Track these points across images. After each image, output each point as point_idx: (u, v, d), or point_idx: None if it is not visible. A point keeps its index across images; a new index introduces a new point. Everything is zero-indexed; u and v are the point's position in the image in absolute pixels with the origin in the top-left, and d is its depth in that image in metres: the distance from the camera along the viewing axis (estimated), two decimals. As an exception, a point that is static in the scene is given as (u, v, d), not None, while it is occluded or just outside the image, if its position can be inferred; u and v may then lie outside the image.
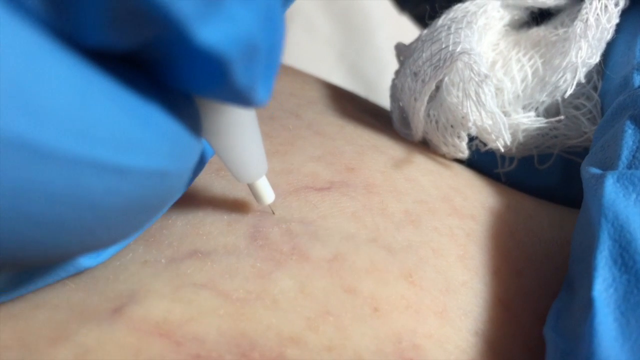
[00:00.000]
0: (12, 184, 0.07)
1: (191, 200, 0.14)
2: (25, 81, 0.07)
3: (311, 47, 0.41)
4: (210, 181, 0.15)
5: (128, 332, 0.11)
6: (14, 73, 0.07)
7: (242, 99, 0.09)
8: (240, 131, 0.11)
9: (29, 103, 0.07)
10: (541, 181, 0.17)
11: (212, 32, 0.07)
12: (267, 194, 0.13)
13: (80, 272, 0.12)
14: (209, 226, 0.13)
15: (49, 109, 0.07)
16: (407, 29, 0.26)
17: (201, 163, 0.13)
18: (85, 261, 0.12)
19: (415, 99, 0.16)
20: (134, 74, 0.08)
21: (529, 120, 0.16)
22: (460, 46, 0.15)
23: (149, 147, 0.08)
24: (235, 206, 0.14)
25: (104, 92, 0.08)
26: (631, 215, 0.11)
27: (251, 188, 0.13)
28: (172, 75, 0.08)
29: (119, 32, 0.07)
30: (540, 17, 0.18)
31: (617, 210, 0.11)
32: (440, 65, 0.15)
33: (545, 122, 0.16)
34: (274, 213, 0.14)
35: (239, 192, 0.14)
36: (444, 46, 0.15)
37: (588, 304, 0.11)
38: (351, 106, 0.19)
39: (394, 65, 0.19)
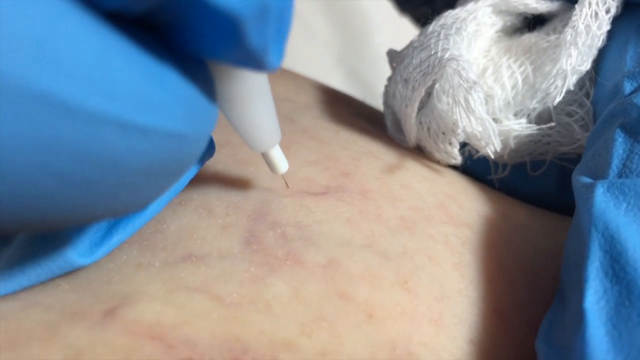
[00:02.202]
0: (39, 140, 0.07)
1: (185, 204, 0.14)
2: (49, 39, 0.07)
3: (310, 50, 0.42)
4: (204, 185, 0.15)
5: (120, 334, 0.11)
6: (39, 31, 0.07)
7: (255, 61, 0.09)
8: (253, 98, 0.12)
9: (53, 60, 0.07)
10: (536, 188, 0.18)
11: None
12: (281, 163, 0.14)
13: (74, 273, 0.13)
14: (203, 230, 0.14)
15: (72, 66, 0.07)
16: (406, 32, 0.26)
17: (211, 148, 0.13)
18: (78, 259, 0.12)
19: (406, 105, 0.16)
20: (149, 37, 0.09)
21: (520, 127, 0.16)
22: (448, 52, 0.15)
23: (168, 109, 0.09)
24: (229, 210, 0.14)
25: (122, 52, 0.08)
26: (622, 225, 0.11)
27: (265, 157, 0.14)
28: (186, 38, 0.09)
29: None
30: (534, 23, 0.18)
31: (607, 220, 0.11)
32: (429, 71, 0.16)
33: (537, 129, 0.16)
34: (287, 186, 0.15)
35: (233, 196, 0.15)
36: (432, 52, 0.16)
37: (579, 316, 0.11)
38: (346, 111, 0.20)
39: (392, 67, 0.20)
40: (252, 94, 0.12)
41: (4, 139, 0.07)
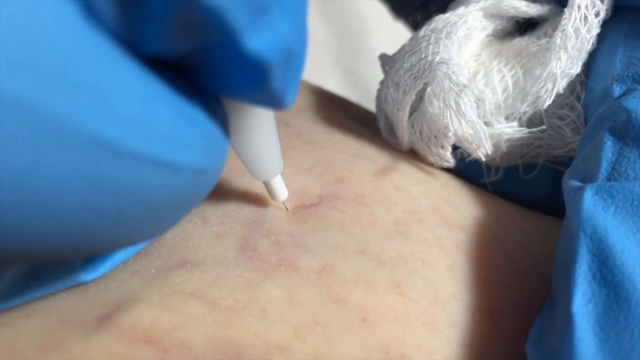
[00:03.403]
0: (87, 179, 0.08)
1: None
2: (103, 85, 0.08)
3: (306, 51, 0.42)
4: None
5: (115, 340, 0.12)
6: (94, 77, 0.08)
7: (275, 101, 0.10)
8: (260, 132, 0.13)
9: (107, 105, 0.08)
10: (529, 192, 0.18)
11: (259, 41, 0.09)
12: (282, 191, 0.15)
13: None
14: (198, 238, 0.14)
15: (119, 109, 0.08)
16: (402, 34, 0.27)
17: None
18: (83, 276, 0.13)
19: (398, 109, 0.17)
20: (178, 78, 0.10)
21: (512, 130, 0.16)
22: (438, 56, 0.16)
23: (195, 145, 0.09)
24: (224, 219, 0.15)
25: (160, 94, 0.09)
26: (609, 228, 0.12)
27: (266, 186, 0.15)
28: (212, 79, 0.10)
29: (176, 41, 0.08)
30: (525, 27, 0.19)
31: (595, 223, 0.12)
32: (420, 75, 0.16)
33: (528, 132, 0.16)
34: (287, 209, 0.15)
35: (228, 206, 0.15)
36: (423, 56, 0.16)
37: (568, 319, 0.11)
38: (340, 114, 0.20)
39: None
40: (259, 127, 0.12)
41: (57, 178, 0.08)
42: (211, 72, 0.09)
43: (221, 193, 0.15)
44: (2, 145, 0.07)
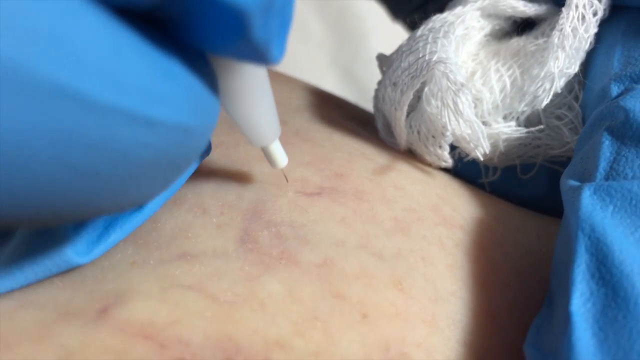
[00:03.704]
0: (55, 132, 0.08)
1: (180, 203, 0.15)
2: (65, 33, 0.08)
3: (304, 51, 0.42)
4: (199, 185, 0.15)
5: (112, 334, 0.11)
6: (57, 26, 0.07)
7: (258, 54, 0.10)
8: (254, 93, 0.12)
9: (69, 54, 0.08)
10: (527, 192, 0.18)
11: None
12: (281, 157, 0.14)
13: (68, 271, 0.13)
14: (198, 229, 0.14)
15: (86, 59, 0.08)
16: (400, 34, 0.27)
17: (208, 146, 0.14)
18: (76, 258, 0.12)
19: (396, 109, 0.17)
20: (155, 31, 0.09)
21: (510, 130, 0.16)
22: (436, 55, 0.16)
23: (174, 101, 0.09)
24: (224, 209, 0.14)
25: (131, 45, 0.09)
26: (608, 227, 0.12)
27: (265, 152, 0.14)
28: (191, 32, 0.09)
29: None
30: (522, 27, 0.19)
31: (593, 223, 0.12)
32: (417, 74, 0.16)
33: (526, 132, 0.17)
34: (287, 180, 0.15)
35: (228, 195, 0.15)
36: (420, 56, 0.16)
37: (566, 319, 0.11)
38: (338, 114, 0.20)
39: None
40: (252, 88, 0.12)
41: (22, 132, 0.08)
42: (188, 23, 0.09)
43: (221, 183, 0.15)
44: None
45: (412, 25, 0.25)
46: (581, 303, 0.11)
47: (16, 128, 0.07)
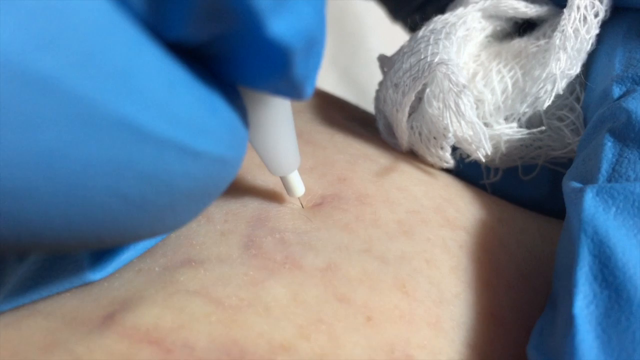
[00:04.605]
0: (111, 162, 0.08)
1: None
2: (131, 68, 0.08)
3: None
4: None
5: (118, 340, 0.12)
6: (123, 61, 0.08)
7: (295, 90, 0.10)
8: (278, 125, 0.13)
9: (132, 88, 0.08)
10: (529, 193, 0.18)
11: (281, 25, 0.09)
12: (298, 186, 0.15)
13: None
14: (202, 237, 0.14)
15: (145, 93, 0.08)
16: (399, 35, 0.27)
17: None
18: (91, 275, 0.13)
19: (397, 110, 0.17)
20: (199, 66, 0.10)
21: (511, 131, 0.17)
22: (438, 57, 0.16)
23: (216, 134, 0.10)
24: (228, 217, 0.15)
25: (183, 79, 0.09)
26: (610, 229, 0.12)
27: (283, 181, 0.15)
28: (232, 67, 0.10)
29: (198, 26, 0.08)
30: (524, 28, 0.19)
31: (596, 225, 0.12)
32: (419, 76, 0.16)
33: (528, 133, 0.17)
34: (302, 206, 0.15)
35: (232, 204, 0.15)
36: (422, 57, 0.16)
37: (569, 321, 0.11)
38: (339, 115, 0.20)
39: (386, 70, 0.20)
40: (278, 120, 0.12)
41: (83, 163, 0.08)
42: (233, 59, 0.09)
43: (225, 191, 0.15)
44: (30, 125, 0.07)
45: (412, 26, 0.25)
46: (584, 305, 0.11)
47: (79, 159, 0.08)
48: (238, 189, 0.15)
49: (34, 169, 0.07)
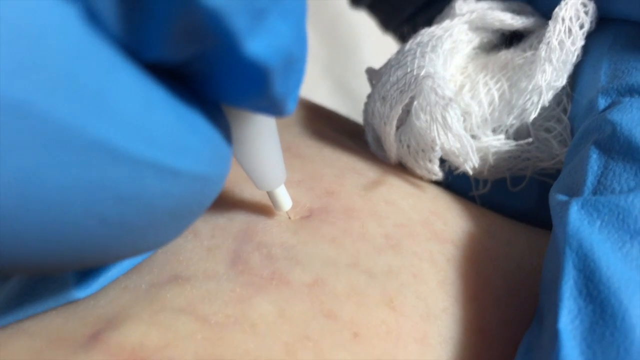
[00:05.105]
0: (88, 184, 0.08)
1: None
2: (105, 89, 0.08)
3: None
4: None
5: (103, 358, 0.12)
6: (97, 82, 0.08)
7: (276, 107, 0.10)
8: (263, 141, 0.13)
9: (108, 109, 0.08)
10: (518, 204, 0.18)
11: (259, 44, 0.09)
12: (286, 201, 0.15)
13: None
14: (189, 252, 0.14)
15: (121, 114, 0.08)
16: (393, 45, 0.27)
17: None
18: (76, 293, 0.13)
19: (385, 124, 0.17)
20: (178, 85, 0.10)
21: (499, 143, 0.17)
22: (424, 70, 0.16)
23: (197, 152, 0.10)
24: (215, 232, 0.15)
25: (161, 99, 0.09)
26: (595, 243, 0.12)
27: (270, 195, 0.15)
28: (212, 86, 0.10)
29: (177, 46, 0.08)
30: (511, 39, 0.19)
31: (581, 238, 0.12)
32: (406, 89, 0.16)
33: (515, 145, 0.17)
34: (290, 218, 0.15)
35: (218, 218, 0.15)
36: (409, 70, 0.16)
37: (554, 337, 0.11)
38: (329, 127, 0.20)
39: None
40: (262, 136, 0.13)
41: (59, 183, 0.08)
42: (212, 79, 0.09)
43: (211, 206, 0.15)
44: (4, 149, 0.07)
45: (402, 37, 0.25)
46: (569, 320, 0.11)
47: (55, 182, 0.08)
48: (225, 203, 0.15)
49: (8, 193, 0.07)
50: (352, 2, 0.27)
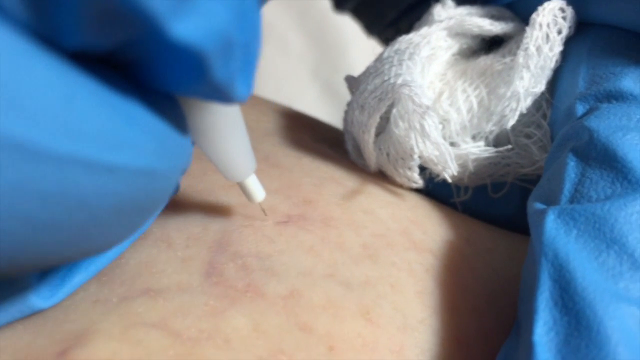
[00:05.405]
0: (6, 184, 0.08)
1: (145, 237, 0.14)
2: (13, 83, 0.07)
3: (285, 64, 0.42)
4: (164, 218, 0.15)
5: None
6: (5, 78, 0.07)
7: (222, 94, 0.09)
8: (226, 129, 0.12)
9: (18, 104, 0.07)
10: (499, 210, 0.18)
11: (186, 27, 0.08)
12: (258, 191, 0.14)
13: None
14: (162, 264, 0.14)
15: (37, 109, 0.08)
16: (381, 48, 0.27)
17: (177, 185, 0.14)
18: (38, 302, 0.12)
19: (364, 132, 0.17)
20: (114, 75, 0.09)
21: (479, 150, 0.16)
22: (401, 78, 0.16)
23: (135, 145, 0.09)
24: (189, 242, 0.14)
25: (87, 91, 0.08)
26: (571, 253, 0.11)
27: (241, 186, 0.14)
28: (151, 74, 0.09)
29: (95, 32, 0.08)
30: (491, 44, 0.19)
31: (557, 248, 0.12)
32: (383, 97, 0.16)
33: (495, 152, 0.17)
34: (265, 214, 0.15)
35: (193, 227, 0.15)
36: (386, 78, 0.16)
37: (529, 349, 0.11)
38: (309, 136, 0.20)
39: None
40: (224, 125, 0.12)
41: None
42: (146, 66, 0.09)
43: (186, 214, 0.15)
44: None
45: (387, 41, 0.25)
46: (544, 332, 0.11)
47: None
48: (200, 212, 0.15)
49: None
50: (335, 7, 0.26)
